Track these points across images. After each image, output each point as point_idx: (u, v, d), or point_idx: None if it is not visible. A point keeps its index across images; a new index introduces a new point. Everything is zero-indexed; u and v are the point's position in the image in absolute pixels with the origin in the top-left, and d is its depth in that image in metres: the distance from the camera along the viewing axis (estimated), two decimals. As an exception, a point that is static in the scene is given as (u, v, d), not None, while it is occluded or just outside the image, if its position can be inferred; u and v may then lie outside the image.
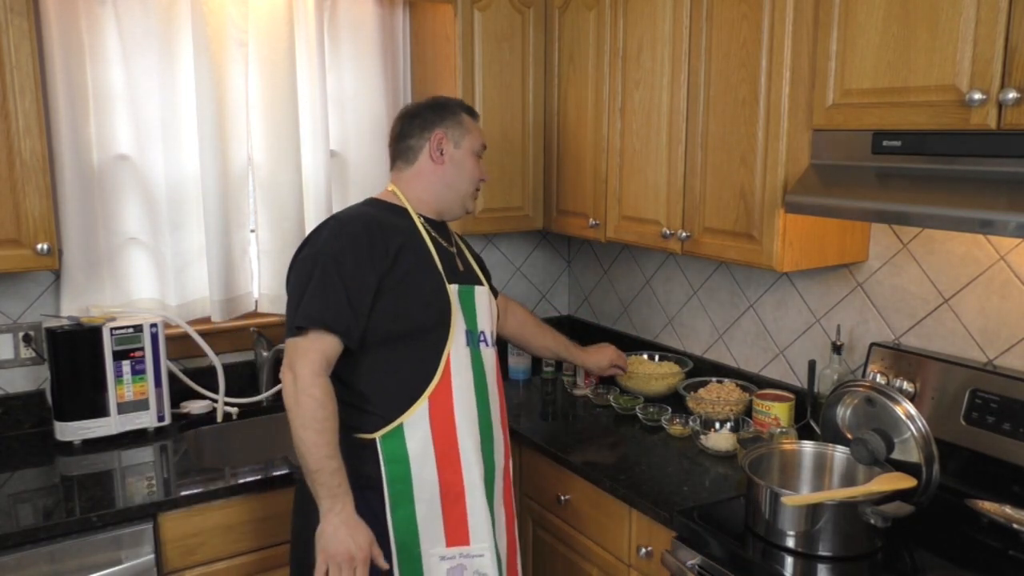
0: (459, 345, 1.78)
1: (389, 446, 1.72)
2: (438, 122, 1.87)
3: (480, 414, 1.81)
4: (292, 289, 1.73)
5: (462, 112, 1.91)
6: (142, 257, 2.46)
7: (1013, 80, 1.44)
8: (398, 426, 1.72)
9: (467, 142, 1.89)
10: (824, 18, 1.77)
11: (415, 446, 1.73)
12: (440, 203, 1.90)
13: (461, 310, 1.81)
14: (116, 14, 2.31)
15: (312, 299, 1.66)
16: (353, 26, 2.67)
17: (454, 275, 1.83)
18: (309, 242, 1.77)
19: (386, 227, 1.76)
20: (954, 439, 1.82)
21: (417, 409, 1.73)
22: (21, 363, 2.34)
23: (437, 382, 1.74)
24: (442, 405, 1.75)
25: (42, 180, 2.02)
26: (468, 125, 1.90)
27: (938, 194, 1.56)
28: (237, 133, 2.53)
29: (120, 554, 1.90)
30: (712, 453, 2.14)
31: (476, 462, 1.78)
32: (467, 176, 1.90)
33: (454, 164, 1.88)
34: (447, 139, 1.87)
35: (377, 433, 1.72)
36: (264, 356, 2.59)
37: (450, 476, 1.75)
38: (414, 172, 1.88)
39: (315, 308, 1.66)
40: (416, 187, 1.88)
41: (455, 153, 1.88)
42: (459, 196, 1.91)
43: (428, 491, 1.74)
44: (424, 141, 1.86)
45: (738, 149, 2.01)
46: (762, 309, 2.44)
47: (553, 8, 2.60)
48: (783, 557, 1.63)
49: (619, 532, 2.01)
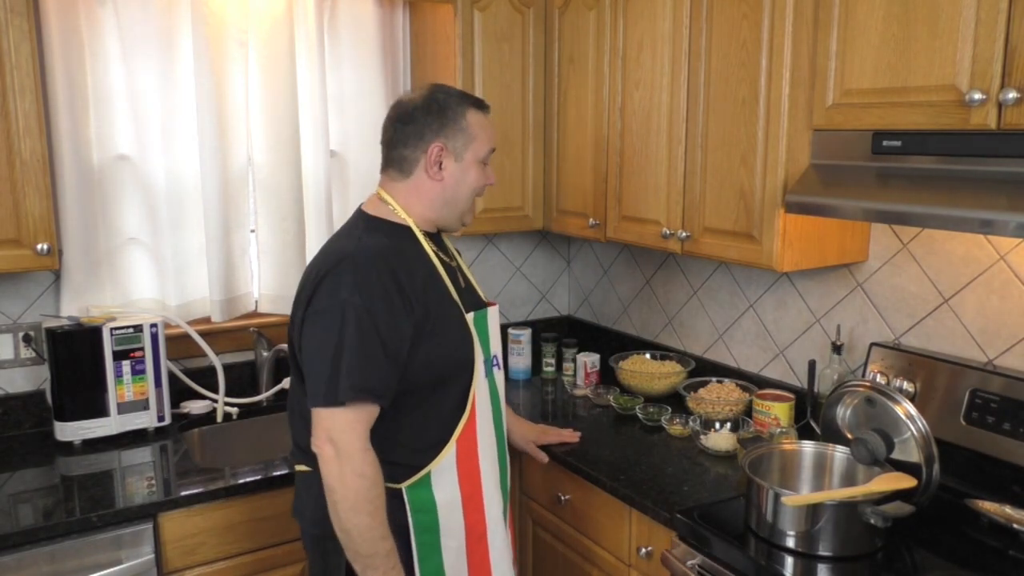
0: (480, 379, 1.67)
1: (416, 495, 1.62)
2: (437, 131, 1.62)
3: (498, 446, 1.75)
4: (318, 348, 1.51)
5: (467, 110, 1.65)
6: (142, 257, 2.46)
7: (1013, 80, 1.44)
8: (425, 475, 1.61)
9: (471, 152, 1.65)
10: (824, 18, 1.77)
11: (442, 494, 1.63)
12: (439, 220, 1.71)
13: (479, 340, 1.68)
14: (116, 14, 2.31)
15: (353, 367, 1.47)
16: (353, 26, 2.67)
17: (467, 300, 1.69)
18: (326, 290, 1.52)
19: (405, 262, 1.59)
20: (954, 439, 1.82)
21: (446, 455, 1.62)
22: (21, 363, 2.34)
23: (464, 424, 1.64)
24: (468, 446, 1.66)
25: (42, 180, 2.02)
26: (473, 129, 1.65)
27: (938, 194, 1.56)
28: (237, 133, 2.53)
29: (120, 554, 1.90)
30: (712, 453, 2.14)
31: (497, 499, 1.73)
32: (468, 190, 1.69)
33: (454, 179, 1.66)
34: (447, 152, 1.64)
35: (403, 483, 1.61)
36: (264, 356, 2.59)
37: (475, 517, 1.69)
38: (410, 186, 1.66)
39: (359, 377, 1.47)
40: (412, 201, 1.67)
41: (456, 168, 1.65)
42: (459, 212, 1.71)
43: (456, 538, 1.66)
44: (420, 153, 1.63)
45: (738, 149, 2.01)
46: (762, 309, 2.44)
47: (553, 8, 2.60)
48: (783, 557, 1.63)
49: (619, 532, 2.01)
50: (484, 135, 1.68)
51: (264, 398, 2.58)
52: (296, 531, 2.11)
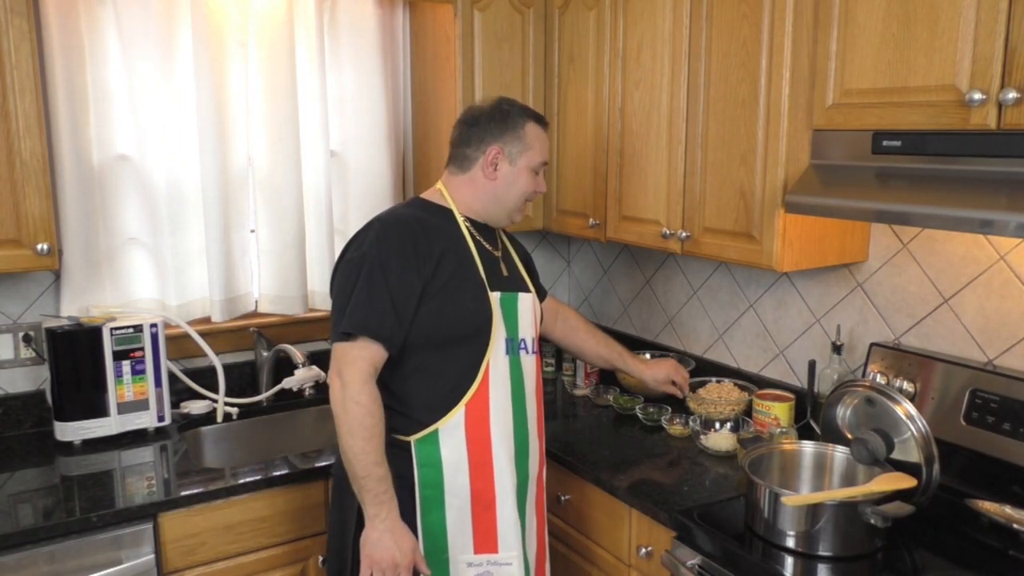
0: (499, 354, 1.77)
1: (424, 450, 1.73)
2: (497, 136, 1.81)
3: (516, 424, 1.81)
4: (337, 293, 1.73)
5: (528, 122, 1.84)
6: (142, 257, 2.46)
7: (1013, 80, 1.44)
8: (433, 431, 1.73)
9: (524, 159, 1.83)
10: (824, 18, 1.77)
11: (449, 452, 1.73)
12: (487, 213, 1.86)
13: (503, 318, 1.79)
14: (116, 14, 2.31)
15: (358, 305, 1.66)
16: (353, 26, 2.67)
17: (497, 281, 1.81)
18: (353, 244, 1.76)
19: (430, 230, 1.75)
20: (954, 439, 1.82)
21: (453, 416, 1.73)
22: (21, 363, 2.34)
23: (475, 391, 1.74)
24: (478, 414, 1.75)
25: (42, 180, 2.02)
26: (530, 139, 1.83)
27: (938, 194, 1.56)
28: (237, 133, 2.53)
29: (120, 554, 1.90)
30: (712, 453, 2.14)
31: (509, 472, 1.79)
32: (518, 193, 1.85)
33: (506, 181, 1.83)
34: (503, 155, 1.82)
35: (412, 436, 1.73)
36: (264, 356, 2.59)
37: (482, 484, 1.76)
38: (466, 180, 1.84)
39: (361, 315, 1.65)
40: (465, 193, 1.85)
41: (509, 171, 1.83)
42: (506, 210, 1.87)
43: (460, 497, 1.75)
44: (480, 153, 1.82)
45: (738, 149, 2.01)
46: (762, 309, 2.44)
47: (553, 8, 2.60)
48: (783, 557, 1.63)
49: (619, 532, 2.01)
50: (539, 146, 1.86)
51: (264, 398, 2.58)
52: (295, 531, 2.12)
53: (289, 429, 2.60)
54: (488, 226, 1.90)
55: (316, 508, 2.14)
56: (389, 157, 2.78)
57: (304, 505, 2.12)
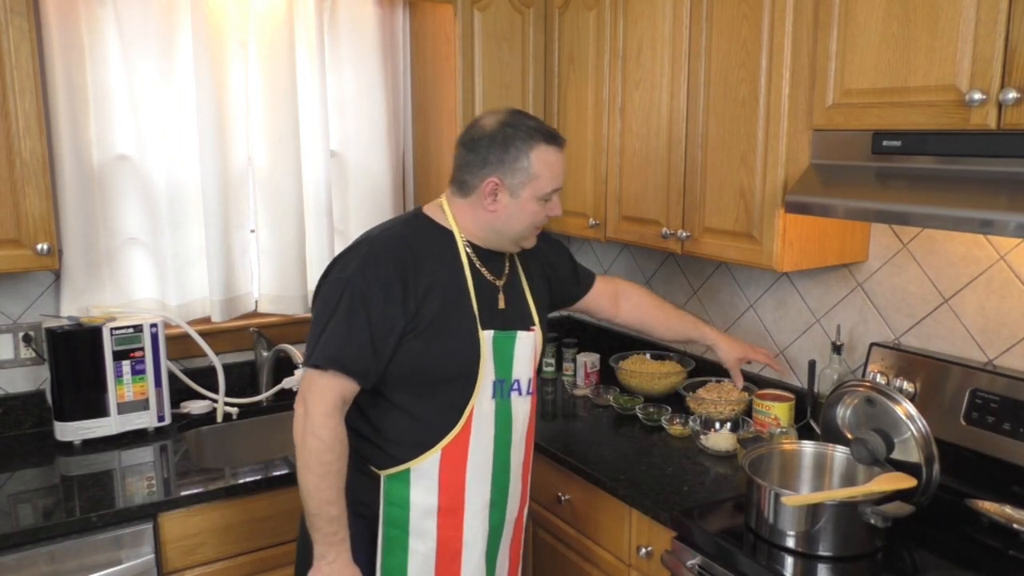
0: (484, 397, 1.65)
1: (393, 488, 1.64)
2: (495, 166, 1.61)
3: (496, 471, 1.70)
4: (315, 316, 1.61)
5: (534, 148, 1.61)
6: (142, 257, 2.46)
7: (1013, 80, 1.44)
8: (405, 470, 1.63)
9: (529, 190, 1.62)
10: (824, 18, 1.77)
11: (419, 495, 1.64)
12: (489, 240, 1.70)
13: (493, 358, 1.66)
14: (116, 14, 2.31)
15: (333, 336, 1.55)
16: (353, 26, 2.68)
17: (491, 318, 1.67)
18: (338, 264, 1.62)
19: (422, 259, 1.61)
20: (954, 439, 1.82)
21: (428, 458, 1.63)
22: (21, 363, 2.34)
23: (454, 436, 1.63)
24: (455, 459, 1.64)
25: (42, 180, 2.02)
26: (536, 168, 1.61)
27: (938, 194, 1.56)
28: (237, 133, 2.53)
29: (120, 554, 1.90)
30: (712, 453, 2.14)
31: (481, 520, 1.70)
32: (522, 225, 1.67)
33: (507, 213, 1.64)
34: (502, 188, 1.62)
35: (384, 471, 1.65)
36: (264, 356, 2.59)
37: (451, 532, 1.67)
38: (467, 204, 1.67)
39: (335, 348, 1.54)
40: (466, 218, 1.68)
41: (510, 202, 1.63)
42: (511, 239, 1.69)
43: (425, 544, 1.66)
44: (478, 181, 1.63)
45: (738, 149, 2.01)
46: (762, 309, 2.44)
47: (553, 8, 2.60)
48: (783, 557, 1.63)
49: (619, 532, 2.01)
50: (548, 174, 1.64)
51: (264, 398, 2.58)
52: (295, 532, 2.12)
53: (289, 429, 2.55)
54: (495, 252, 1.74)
55: (316, 508, 2.14)
56: (389, 157, 2.78)
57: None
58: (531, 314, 1.77)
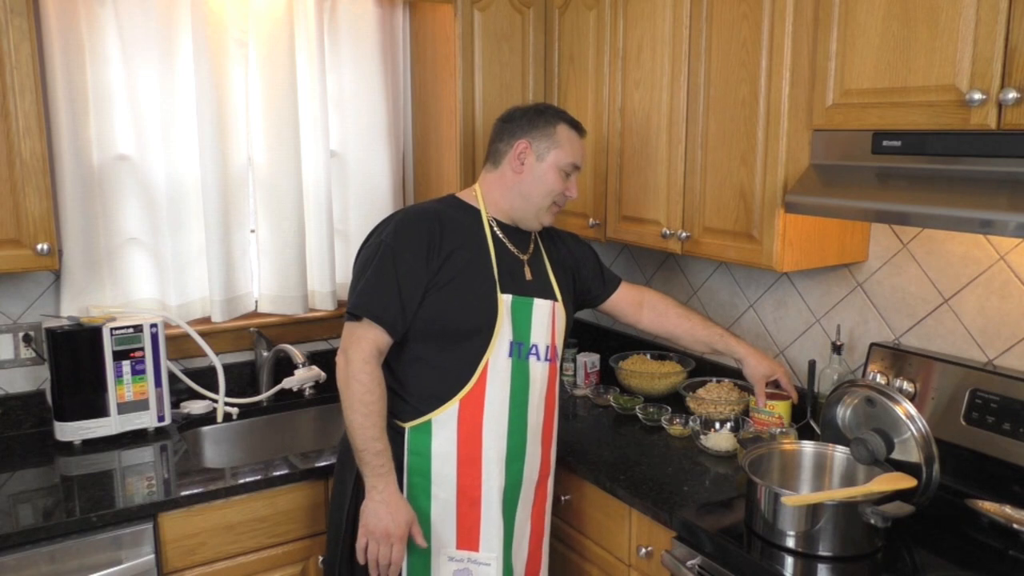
0: (499, 355, 1.81)
1: (415, 438, 1.80)
2: (527, 130, 1.85)
3: (512, 427, 1.84)
4: (355, 274, 1.83)
5: (560, 124, 1.87)
6: (142, 257, 2.46)
7: (1013, 80, 1.44)
8: (427, 421, 1.79)
9: (552, 156, 1.85)
10: (824, 18, 1.77)
11: (439, 444, 1.79)
12: (514, 211, 1.89)
13: (510, 320, 1.82)
14: (116, 14, 2.31)
15: (367, 289, 1.75)
16: (353, 26, 2.68)
17: (513, 284, 1.84)
18: (377, 230, 1.85)
19: (448, 226, 1.81)
20: (954, 439, 1.82)
21: (447, 409, 1.79)
22: (21, 363, 2.34)
23: (470, 388, 1.79)
24: (472, 410, 1.80)
25: (42, 180, 2.02)
26: (560, 138, 1.86)
27: (938, 194, 1.56)
28: (237, 133, 2.53)
29: (120, 554, 1.90)
30: (712, 453, 2.14)
31: (498, 472, 1.83)
32: (544, 190, 1.86)
33: (533, 176, 1.86)
34: (530, 150, 1.85)
35: (408, 423, 1.80)
36: (264, 356, 2.59)
37: (469, 481, 1.81)
38: (496, 176, 1.89)
39: (368, 298, 1.74)
40: (494, 191, 1.89)
41: (536, 166, 1.85)
42: (533, 208, 1.88)
43: (445, 490, 1.80)
44: (509, 147, 1.86)
45: (738, 149, 2.01)
46: (762, 309, 2.44)
47: (553, 8, 2.60)
48: (783, 557, 1.63)
49: (619, 532, 2.01)
50: (569, 147, 1.87)
51: (264, 398, 2.58)
52: (295, 531, 2.12)
53: (289, 429, 2.60)
54: (520, 230, 1.92)
55: (316, 508, 2.14)
56: (389, 157, 2.78)
57: (304, 505, 2.12)
58: (553, 289, 1.93)
